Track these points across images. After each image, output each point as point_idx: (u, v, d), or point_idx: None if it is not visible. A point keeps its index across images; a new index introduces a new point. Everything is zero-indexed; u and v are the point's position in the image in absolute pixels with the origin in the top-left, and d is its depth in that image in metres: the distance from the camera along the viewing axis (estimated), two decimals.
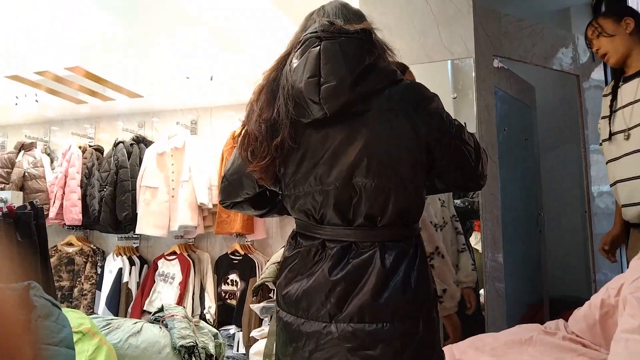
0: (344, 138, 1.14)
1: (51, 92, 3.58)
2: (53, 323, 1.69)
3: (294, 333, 1.21)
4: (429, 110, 1.16)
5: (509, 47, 2.59)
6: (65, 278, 3.79)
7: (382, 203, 1.14)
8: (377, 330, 1.12)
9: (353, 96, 1.12)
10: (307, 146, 1.18)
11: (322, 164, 1.16)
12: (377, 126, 1.12)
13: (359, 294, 1.13)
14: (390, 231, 1.17)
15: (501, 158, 2.46)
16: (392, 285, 1.12)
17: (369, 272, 1.13)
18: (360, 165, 1.13)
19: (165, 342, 2.38)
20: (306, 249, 1.23)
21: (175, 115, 3.95)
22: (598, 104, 2.93)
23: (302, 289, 1.20)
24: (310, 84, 1.12)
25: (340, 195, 1.15)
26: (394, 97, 1.14)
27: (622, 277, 1.48)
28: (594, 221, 2.82)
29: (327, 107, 1.12)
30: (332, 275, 1.15)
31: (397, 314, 1.12)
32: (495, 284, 2.38)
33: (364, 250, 1.15)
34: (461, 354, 1.61)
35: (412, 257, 1.16)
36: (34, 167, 3.94)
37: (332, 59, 1.11)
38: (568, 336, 1.56)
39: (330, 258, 1.17)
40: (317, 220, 1.22)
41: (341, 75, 1.10)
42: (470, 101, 2.55)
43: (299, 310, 1.20)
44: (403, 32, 2.56)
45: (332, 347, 1.14)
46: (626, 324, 1.25)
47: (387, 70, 1.16)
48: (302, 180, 1.20)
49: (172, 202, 3.57)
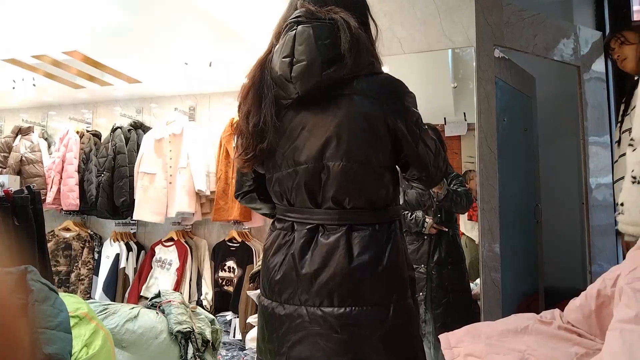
0: (318, 120, 1.18)
1: (49, 77, 3.55)
2: (50, 307, 1.69)
3: (270, 317, 1.25)
4: (405, 104, 1.20)
5: (510, 37, 2.58)
6: (63, 263, 3.80)
7: (350, 185, 1.17)
8: (345, 314, 1.14)
9: (325, 79, 1.15)
10: (285, 130, 1.22)
11: (296, 145, 1.21)
12: (350, 110, 1.16)
13: (327, 277, 1.15)
14: (359, 215, 1.18)
15: (500, 148, 2.46)
16: (359, 270, 1.14)
17: (337, 255, 1.15)
18: (330, 147, 1.17)
19: (162, 327, 2.39)
20: (278, 233, 1.27)
21: (173, 101, 3.93)
22: (598, 95, 2.94)
23: (275, 273, 1.23)
24: (284, 63, 1.18)
25: (310, 176, 1.19)
26: (372, 86, 1.18)
27: (619, 267, 1.48)
28: (591, 213, 2.83)
29: (298, 86, 1.17)
30: (300, 259, 1.18)
31: (364, 298, 1.15)
32: (491, 274, 2.39)
33: (331, 233, 1.17)
34: (457, 342, 1.62)
35: (383, 242, 1.18)
36: (31, 151, 3.92)
37: (305, 41, 1.16)
38: (564, 326, 1.57)
39: (298, 241, 1.20)
40: (289, 202, 1.25)
41: (312, 57, 1.15)
42: (470, 91, 2.54)
43: (274, 294, 1.24)
44: (404, 20, 2.54)
45: (303, 330, 1.17)
46: (622, 314, 1.25)
47: (364, 60, 1.18)
48: (279, 162, 1.25)
49: (169, 189, 3.56)
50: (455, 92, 2.98)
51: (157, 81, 3.65)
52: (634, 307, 1.22)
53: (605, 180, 2.89)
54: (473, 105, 2.48)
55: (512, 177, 2.76)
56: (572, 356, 1.43)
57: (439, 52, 2.58)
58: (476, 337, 1.61)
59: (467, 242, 3.37)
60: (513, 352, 1.49)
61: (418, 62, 2.66)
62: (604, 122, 2.95)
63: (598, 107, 2.93)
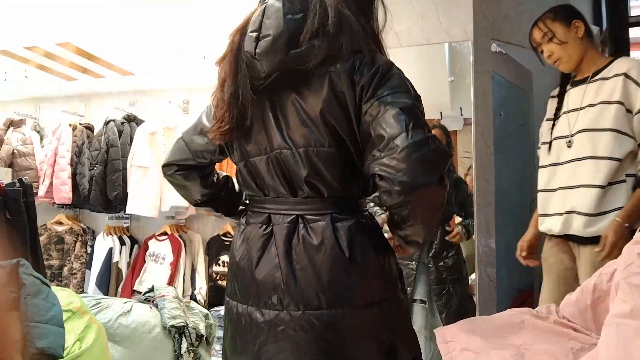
0: (292, 104, 1.09)
1: (41, 68, 3.52)
2: (42, 301, 1.67)
3: (245, 324, 1.12)
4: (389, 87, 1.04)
5: (507, 31, 2.57)
6: (55, 257, 3.77)
7: (324, 170, 1.07)
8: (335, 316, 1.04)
9: (293, 57, 1.05)
10: (259, 113, 1.13)
11: (268, 130, 1.12)
12: (325, 93, 1.05)
13: (313, 277, 1.05)
14: (340, 203, 1.09)
15: (497, 143, 2.45)
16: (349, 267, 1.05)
17: (322, 251, 1.05)
18: (301, 130, 1.08)
19: (155, 322, 2.37)
20: (252, 227, 1.16)
21: (167, 94, 3.89)
22: None
23: (252, 273, 1.12)
24: (250, 39, 1.09)
25: (284, 163, 1.10)
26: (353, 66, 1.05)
27: (615, 262, 1.48)
28: None
29: (263, 63, 1.07)
30: (284, 257, 1.07)
31: (355, 298, 1.06)
32: (486, 269, 2.40)
33: (313, 226, 1.07)
34: (452, 336, 1.61)
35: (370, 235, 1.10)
36: (23, 144, 3.89)
37: (272, 14, 1.07)
38: (559, 320, 1.57)
39: (279, 236, 1.09)
40: (264, 192, 1.16)
41: (279, 31, 1.06)
42: (467, 85, 2.53)
43: (250, 298, 1.12)
44: (402, 13, 2.52)
45: (286, 338, 1.05)
46: (618, 308, 1.25)
47: (347, 41, 1.07)
48: (251, 148, 1.16)
49: (163, 182, 3.53)
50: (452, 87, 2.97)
51: (150, 74, 3.62)
52: (630, 301, 1.22)
53: None
54: (469, 100, 2.48)
55: (508, 172, 2.76)
56: (568, 351, 1.43)
57: (436, 46, 2.56)
58: (472, 332, 1.61)
59: None
60: (509, 347, 1.49)
61: (415, 56, 2.65)
62: None
63: None
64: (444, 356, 1.55)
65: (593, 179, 1.77)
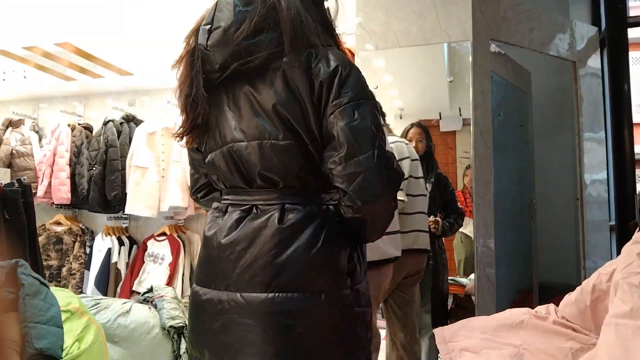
0: (246, 97, 1.11)
1: (40, 68, 3.52)
2: (41, 301, 1.67)
3: (194, 303, 1.17)
4: (341, 79, 1.06)
5: (506, 32, 2.57)
6: (54, 257, 3.76)
7: (279, 162, 1.09)
8: (268, 301, 1.04)
9: (244, 47, 1.07)
10: (216, 107, 1.16)
11: (224, 123, 1.14)
12: (279, 85, 1.08)
13: (250, 259, 1.06)
14: (292, 194, 1.11)
15: (495, 144, 2.45)
16: (287, 252, 1.05)
17: (263, 236, 1.06)
18: (255, 123, 1.10)
19: (154, 322, 2.37)
20: (211, 216, 1.19)
21: (166, 94, 3.88)
22: (594, 91, 2.94)
23: (205, 258, 1.17)
24: (203, 31, 1.12)
25: (239, 155, 1.12)
26: (307, 59, 1.07)
27: (614, 262, 1.48)
28: (585, 209, 2.84)
29: (215, 55, 1.10)
30: (225, 239, 1.10)
31: (291, 284, 1.05)
32: (486, 269, 2.39)
33: (262, 214, 1.09)
34: (452, 336, 1.61)
35: (319, 225, 1.08)
36: (21, 144, 3.88)
37: (224, 7, 1.10)
38: (558, 320, 1.57)
39: (227, 222, 1.12)
40: (224, 184, 1.19)
41: (229, 22, 1.08)
42: (465, 85, 2.53)
43: (201, 280, 1.17)
44: (400, 13, 2.52)
45: (223, 317, 1.08)
46: (617, 308, 1.25)
47: (298, 33, 1.08)
48: (211, 142, 1.18)
49: (162, 183, 3.54)
50: (451, 87, 2.97)
51: (149, 74, 3.61)
52: (629, 301, 1.22)
53: (599, 177, 2.89)
54: (468, 100, 2.47)
55: (507, 173, 2.76)
56: (567, 351, 1.43)
57: (435, 46, 2.56)
58: (471, 332, 1.61)
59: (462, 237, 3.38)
60: (508, 347, 1.49)
61: (414, 56, 2.65)
62: (599, 118, 2.95)
63: (593, 103, 2.93)
64: (444, 356, 1.55)
65: None
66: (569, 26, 2.88)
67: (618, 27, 2.93)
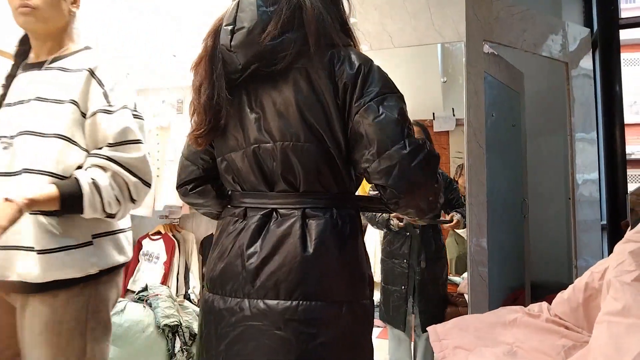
0: (268, 97, 1.10)
1: None
2: None
3: (209, 311, 1.14)
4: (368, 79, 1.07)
5: (499, 32, 2.59)
6: None
7: (300, 166, 1.08)
8: (291, 309, 1.03)
9: (269, 48, 1.06)
10: (236, 107, 1.14)
11: (246, 124, 1.13)
12: (302, 86, 1.07)
13: (274, 267, 1.04)
14: (314, 198, 1.09)
15: (488, 144, 2.47)
16: (312, 260, 1.04)
17: (288, 243, 1.05)
18: (278, 124, 1.08)
19: (149, 321, 2.37)
20: (229, 220, 1.17)
21: (160, 93, 3.88)
22: (586, 92, 2.96)
23: (222, 264, 1.13)
24: (225, 32, 1.10)
25: (260, 156, 1.11)
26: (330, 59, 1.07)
27: (606, 261, 1.50)
28: (577, 208, 2.86)
29: (238, 55, 1.08)
30: (249, 247, 1.08)
31: (314, 292, 1.04)
32: (478, 268, 2.41)
33: (284, 219, 1.08)
34: (445, 334, 1.63)
35: (343, 232, 1.08)
36: None
37: (246, 7, 1.08)
38: (551, 318, 1.59)
39: (249, 228, 1.10)
40: (241, 187, 1.17)
41: (253, 23, 1.06)
42: (459, 86, 2.55)
43: (216, 287, 1.13)
44: (394, 13, 2.53)
45: (243, 325, 1.06)
46: (609, 306, 1.27)
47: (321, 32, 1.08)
48: (229, 142, 1.17)
49: (157, 182, 3.53)
50: (444, 87, 2.99)
51: (144, 73, 3.60)
52: (622, 299, 1.24)
53: (591, 176, 2.92)
54: (462, 101, 2.49)
55: (500, 173, 2.78)
56: (560, 348, 1.44)
57: (429, 47, 2.58)
58: (464, 330, 1.62)
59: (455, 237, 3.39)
60: (501, 345, 1.51)
61: (408, 57, 2.66)
62: (591, 119, 2.98)
63: (585, 103, 2.96)
64: (437, 354, 1.57)
65: None
66: (562, 27, 2.90)
67: (610, 29, 2.96)
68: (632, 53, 9.57)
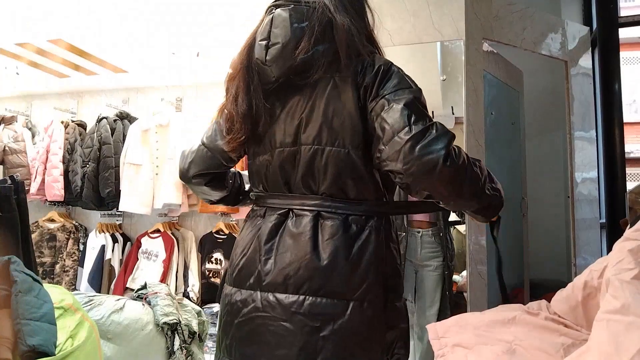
0: (294, 104, 1.17)
1: (33, 65, 3.49)
2: (34, 298, 1.67)
3: (228, 304, 1.21)
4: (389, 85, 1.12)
5: (498, 31, 2.58)
6: (47, 254, 3.75)
7: (320, 170, 1.14)
8: (298, 303, 1.10)
9: (300, 62, 1.13)
10: (267, 115, 1.21)
11: (273, 129, 1.21)
12: (326, 93, 1.14)
13: (286, 262, 1.12)
14: (331, 202, 1.15)
15: (488, 142, 2.47)
16: (321, 258, 1.10)
17: (301, 241, 1.12)
18: (302, 130, 1.16)
19: (148, 319, 2.37)
20: (251, 220, 1.25)
21: (160, 91, 3.88)
22: (585, 90, 2.96)
23: (242, 260, 1.21)
24: (260, 47, 1.17)
25: (283, 160, 1.18)
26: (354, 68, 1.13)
27: (606, 259, 1.50)
28: (576, 207, 2.86)
29: (273, 69, 1.16)
30: (265, 243, 1.16)
31: (320, 288, 1.10)
32: (477, 267, 2.41)
33: (299, 219, 1.15)
34: (444, 332, 1.63)
35: (354, 235, 1.13)
36: (14, 141, 3.86)
37: (280, 24, 1.15)
38: (550, 317, 1.58)
39: (266, 226, 1.18)
40: (266, 188, 1.24)
41: (287, 39, 1.14)
42: (458, 84, 2.54)
43: (236, 281, 1.21)
44: (394, 11, 2.53)
45: (254, 316, 1.14)
46: (608, 304, 1.26)
47: (346, 44, 1.14)
48: (260, 147, 1.24)
49: (156, 180, 3.53)
50: (444, 86, 2.99)
51: (143, 71, 3.61)
52: (621, 298, 1.23)
53: (590, 175, 2.91)
54: (461, 99, 2.48)
55: (499, 171, 2.77)
56: (559, 347, 1.44)
57: (428, 45, 2.57)
58: (464, 328, 1.62)
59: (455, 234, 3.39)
60: (500, 343, 1.50)
61: (407, 55, 2.65)
62: (590, 117, 2.98)
63: (584, 102, 2.95)
64: (436, 352, 1.57)
65: None
66: (561, 26, 2.90)
67: (609, 27, 2.95)
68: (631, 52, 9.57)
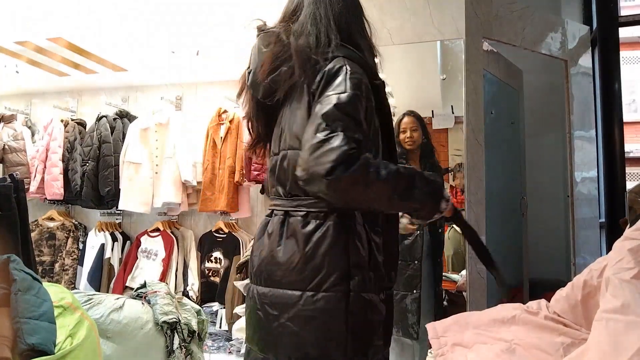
0: (285, 114, 1.30)
1: (32, 63, 3.49)
2: (33, 297, 1.67)
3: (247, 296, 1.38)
4: (330, 86, 1.16)
5: (498, 30, 2.58)
6: (46, 253, 3.75)
7: (286, 173, 1.26)
8: (264, 294, 1.25)
9: (270, 82, 1.27)
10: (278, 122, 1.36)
11: (274, 138, 1.35)
12: (294, 101, 1.26)
13: (261, 258, 1.27)
14: (295, 202, 1.24)
15: (487, 141, 2.47)
16: (280, 253, 1.22)
17: (271, 239, 1.26)
18: (280, 138, 1.30)
19: (147, 318, 2.37)
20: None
21: (159, 90, 3.88)
22: (585, 90, 2.96)
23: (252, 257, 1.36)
24: (248, 74, 1.37)
25: (272, 165, 1.33)
26: (314, 76, 1.20)
27: (605, 258, 1.50)
28: (575, 206, 2.86)
29: (252, 91, 1.35)
30: (255, 242, 1.35)
31: (278, 281, 1.22)
32: (477, 266, 2.41)
33: (274, 219, 1.28)
34: (444, 331, 1.63)
35: (312, 231, 1.19)
36: (14, 139, 3.86)
37: (253, 50, 1.35)
38: (550, 316, 1.59)
39: (261, 226, 1.34)
40: (268, 192, 1.39)
41: (256, 65, 1.32)
42: (458, 83, 2.54)
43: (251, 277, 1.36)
44: (394, 10, 2.53)
45: (250, 305, 1.32)
46: (608, 304, 1.26)
47: (297, 61, 1.21)
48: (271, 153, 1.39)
49: (155, 179, 3.53)
50: (443, 85, 2.98)
51: (143, 70, 3.60)
52: (620, 297, 1.24)
53: (590, 174, 2.91)
54: (461, 98, 2.48)
55: (499, 170, 2.78)
56: (558, 346, 1.45)
57: (428, 44, 2.57)
58: (463, 327, 1.62)
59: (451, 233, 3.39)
60: (500, 342, 1.51)
61: (407, 54, 2.66)
62: (590, 117, 2.98)
63: (584, 101, 2.95)
64: (436, 351, 1.57)
65: None
66: (561, 25, 2.90)
67: (609, 27, 2.95)
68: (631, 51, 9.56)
